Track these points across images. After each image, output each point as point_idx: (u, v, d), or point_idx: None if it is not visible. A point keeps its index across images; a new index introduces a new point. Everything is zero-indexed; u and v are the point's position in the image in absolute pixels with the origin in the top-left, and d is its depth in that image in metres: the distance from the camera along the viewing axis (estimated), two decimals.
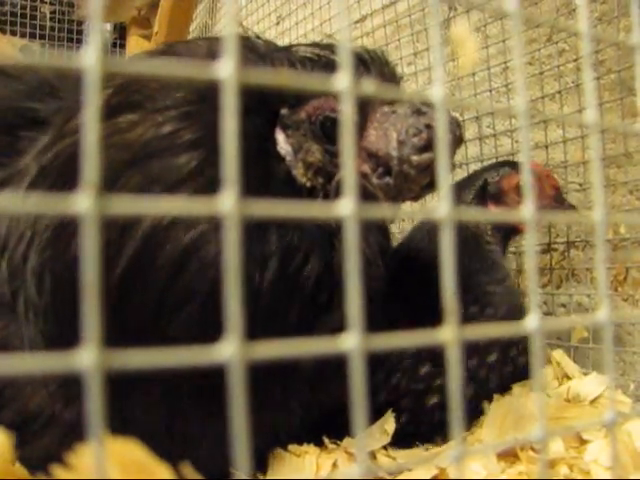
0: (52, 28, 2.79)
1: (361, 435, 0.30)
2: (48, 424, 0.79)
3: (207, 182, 0.73)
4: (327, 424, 0.91)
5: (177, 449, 0.80)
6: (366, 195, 0.79)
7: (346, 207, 0.27)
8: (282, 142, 0.81)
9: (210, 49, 0.81)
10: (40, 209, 0.23)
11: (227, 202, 0.25)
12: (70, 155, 0.77)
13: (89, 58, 0.25)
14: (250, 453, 0.27)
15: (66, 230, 0.73)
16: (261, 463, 0.88)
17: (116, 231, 0.71)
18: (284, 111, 0.81)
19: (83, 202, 0.23)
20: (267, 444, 0.89)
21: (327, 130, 0.80)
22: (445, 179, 0.32)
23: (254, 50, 0.81)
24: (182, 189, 0.73)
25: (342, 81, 0.29)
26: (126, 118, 0.75)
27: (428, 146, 0.76)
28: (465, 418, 0.33)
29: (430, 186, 0.80)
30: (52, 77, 0.99)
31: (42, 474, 0.49)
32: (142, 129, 0.75)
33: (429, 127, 0.76)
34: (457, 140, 0.77)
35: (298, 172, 0.81)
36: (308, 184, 0.81)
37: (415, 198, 0.83)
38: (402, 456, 0.93)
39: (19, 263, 0.77)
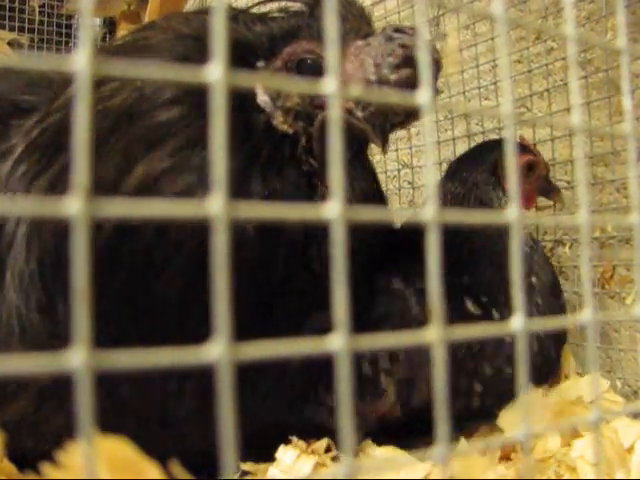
0: (41, 22, 2.78)
1: (347, 434, 0.30)
2: (23, 386, 0.79)
3: (189, 137, 0.75)
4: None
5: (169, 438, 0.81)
6: (354, 131, 0.80)
7: (333, 210, 0.28)
8: (260, 94, 0.82)
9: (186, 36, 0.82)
10: (30, 211, 0.24)
11: (216, 205, 0.25)
12: (56, 130, 0.79)
13: (80, 61, 0.25)
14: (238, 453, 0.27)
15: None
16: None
17: (103, 191, 0.72)
18: (260, 63, 0.83)
19: (74, 205, 0.24)
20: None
21: (304, 72, 0.82)
22: (431, 178, 0.33)
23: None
24: (166, 146, 0.74)
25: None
26: (108, 87, 0.77)
27: (404, 62, 0.77)
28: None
29: (415, 111, 0.80)
30: (50, 71, 1.00)
31: (31, 473, 0.49)
32: (124, 94, 0.77)
33: (403, 46, 0.77)
34: (435, 63, 0.78)
35: (278, 120, 0.82)
36: (290, 130, 0.82)
37: (403, 124, 0.84)
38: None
39: (13, 230, 0.78)
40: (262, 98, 0.82)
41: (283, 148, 0.82)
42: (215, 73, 0.26)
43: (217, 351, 0.26)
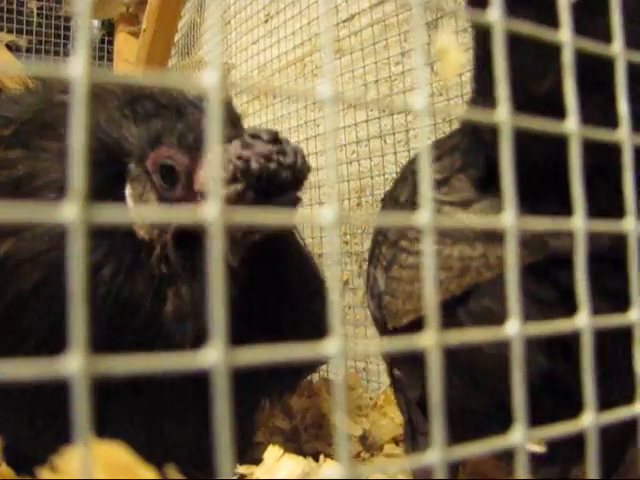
0: (39, 24, 2.78)
1: (342, 437, 0.30)
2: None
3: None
4: None
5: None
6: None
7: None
8: (128, 196, 0.84)
9: None
10: (25, 217, 0.24)
11: (211, 211, 0.26)
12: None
13: (76, 69, 0.25)
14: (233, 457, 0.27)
15: None
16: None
17: None
18: (131, 165, 0.84)
19: (70, 211, 0.24)
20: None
21: (164, 177, 0.82)
22: (426, 180, 0.33)
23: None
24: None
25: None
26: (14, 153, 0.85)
27: (235, 179, 0.76)
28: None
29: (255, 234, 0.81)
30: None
31: (28, 476, 0.49)
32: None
33: (240, 158, 0.77)
34: (289, 169, 0.77)
35: (136, 225, 0.82)
36: (146, 237, 0.82)
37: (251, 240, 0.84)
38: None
39: None
40: (128, 201, 0.84)
41: (140, 251, 0.83)
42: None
43: (213, 356, 0.26)
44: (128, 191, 0.83)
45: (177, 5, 2.53)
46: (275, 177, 0.75)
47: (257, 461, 0.88)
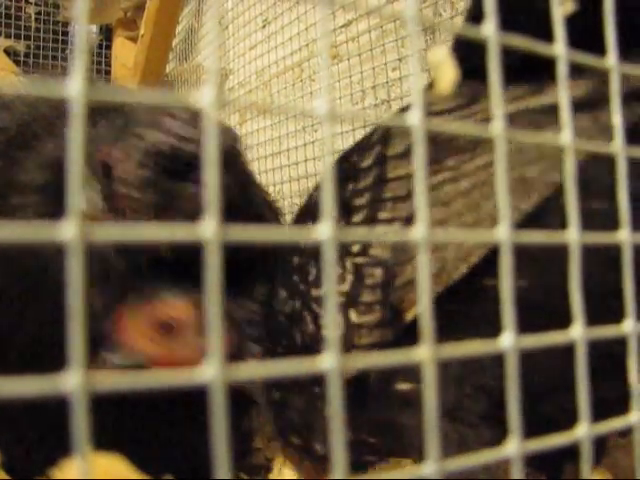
0: (37, 29, 2.78)
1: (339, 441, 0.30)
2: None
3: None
4: None
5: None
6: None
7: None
8: None
9: None
10: (24, 237, 0.24)
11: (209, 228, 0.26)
12: None
13: (74, 87, 0.25)
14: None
15: None
16: None
17: None
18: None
19: (68, 230, 0.24)
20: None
21: (107, 176, 0.82)
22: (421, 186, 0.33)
23: None
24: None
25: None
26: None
27: (145, 162, 0.78)
28: None
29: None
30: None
31: None
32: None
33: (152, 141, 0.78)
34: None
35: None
36: None
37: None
38: None
39: None
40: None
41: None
42: None
43: (211, 373, 0.26)
44: None
45: (175, 10, 2.54)
46: (185, 155, 0.76)
47: (256, 467, 0.88)
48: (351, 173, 0.82)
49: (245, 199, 0.94)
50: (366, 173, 0.79)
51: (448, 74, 0.38)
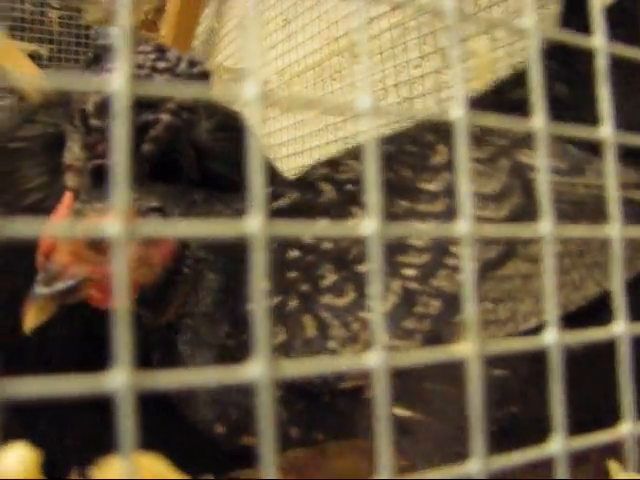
0: (60, 33, 2.80)
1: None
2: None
3: None
4: None
5: None
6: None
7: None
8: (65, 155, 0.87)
9: None
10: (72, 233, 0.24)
11: (254, 224, 0.26)
12: None
13: (118, 82, 0.25)
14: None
15: None
16: None
17: None
18: (67, 126, 0.86)
19: (114, 226, 0.24)
20: None
21: (84, 123, 0.81)
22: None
23: None
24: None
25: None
26: None
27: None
28: None
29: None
30: None
31: None
32: None
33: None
34: (165, 72, 0.80)
35: (69, 179, 0.84)
36: (75, 188, 0.83)
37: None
38: None
39: None
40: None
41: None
42: None
43: (258, 370, 0.26)
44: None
45: (196, 12, 2.55)
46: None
47: None
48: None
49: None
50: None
51: (487, 60, 0.38)
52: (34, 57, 2.65)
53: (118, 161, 0.24)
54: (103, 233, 0.24)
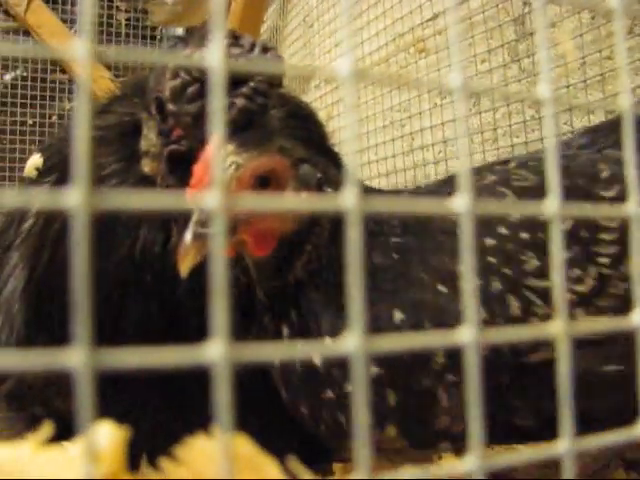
0: (127, 35, 2.86)
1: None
2: None
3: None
4: None
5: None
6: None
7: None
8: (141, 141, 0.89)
9: None
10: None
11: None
12: None
13: (214, 58, 0.25)
14: None
15: (48, 230, 0.90)
16: None
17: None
18: (143, 115, 0.88)
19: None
20: None
21: (160, 110, 0.83)
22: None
23: None
24: None
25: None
26: None
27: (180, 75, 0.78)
28: None
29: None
30: None
31: (151, 472, 0.49)
32: None
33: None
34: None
35: (145, 165, 0.88)
36: (151, 173, 0.87)
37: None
38: None
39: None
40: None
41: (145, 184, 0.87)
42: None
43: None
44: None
45: (259, 10, 2.57)
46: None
47: None
48: None
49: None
50: None
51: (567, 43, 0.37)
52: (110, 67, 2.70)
53: (216, 131, 0.24)
54: (203, 206, 0.25)
